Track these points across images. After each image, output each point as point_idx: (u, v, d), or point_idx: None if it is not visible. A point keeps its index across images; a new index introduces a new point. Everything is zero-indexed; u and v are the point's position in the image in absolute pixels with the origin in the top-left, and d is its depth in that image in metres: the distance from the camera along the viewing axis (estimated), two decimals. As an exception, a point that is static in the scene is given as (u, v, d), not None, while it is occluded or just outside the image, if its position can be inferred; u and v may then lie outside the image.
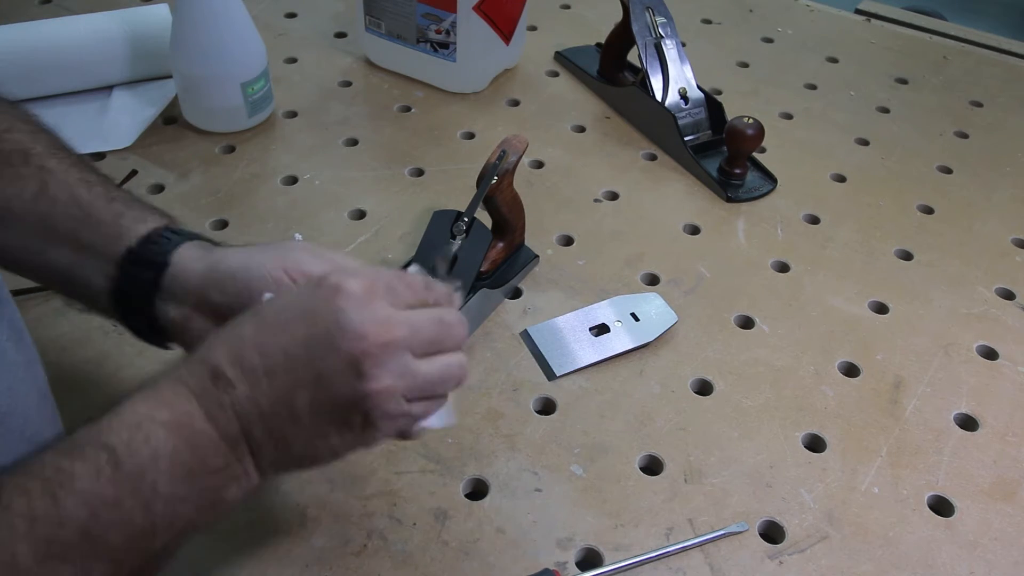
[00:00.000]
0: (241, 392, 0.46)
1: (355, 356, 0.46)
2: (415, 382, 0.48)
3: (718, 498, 0.65)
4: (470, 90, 1.05)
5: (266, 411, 0.46)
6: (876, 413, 0.72)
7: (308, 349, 0.46)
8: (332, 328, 0.46)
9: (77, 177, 0.59)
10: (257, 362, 0.46)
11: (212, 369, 0.46)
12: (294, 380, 0.46)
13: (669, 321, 0.77)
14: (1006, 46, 1.20)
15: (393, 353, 0.47)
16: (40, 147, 0.60)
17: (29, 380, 0.46)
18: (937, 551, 0.63)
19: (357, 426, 0.48)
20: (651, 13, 0.98)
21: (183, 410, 0.46)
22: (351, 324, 0.46)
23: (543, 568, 0.60)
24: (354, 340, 0.45)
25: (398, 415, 0.48)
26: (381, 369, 0.46)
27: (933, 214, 0.93)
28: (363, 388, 0.46)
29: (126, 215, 0.58)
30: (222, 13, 0.89)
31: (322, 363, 0.46)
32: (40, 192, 0.57)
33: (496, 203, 0.76)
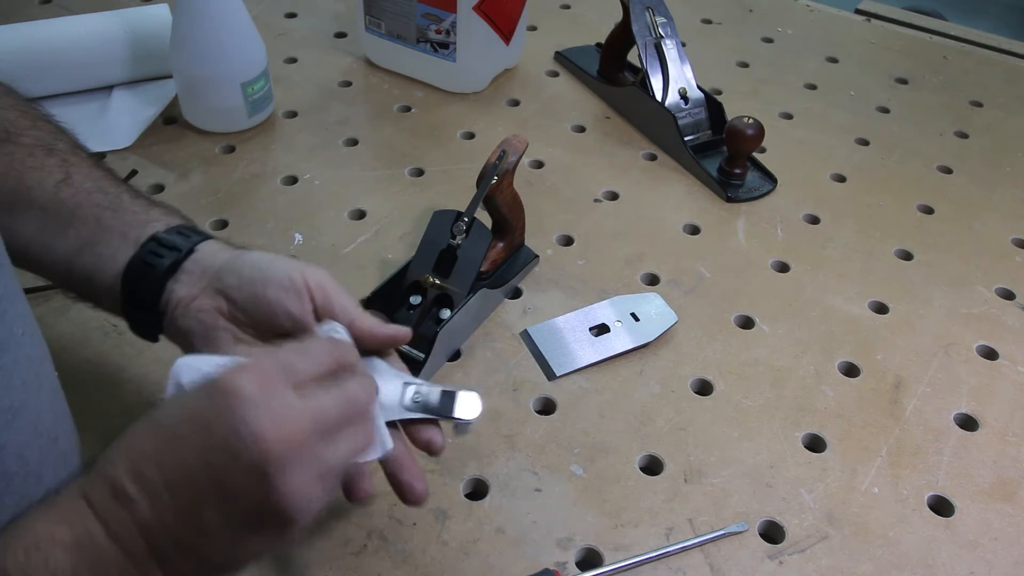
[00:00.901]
0: (143, 508, 0.43)
1: (257, 463, 0.42)
2: (327, 467, 0.45)
3: (718, 498, 0.65)
4: (470, 90, 1.05)
5: (172, 527, 0.43)
6: (876, 413, 0.72)
7: (207, 460, 0.43)
8: (230, 436, 0.42)
9: (101, 173, 0.60)
10: (156, 477, 0.43)
11: (112, 485, 0.43)
12: (196, 494, 0.43)
13: (669, 321, 0.77)
14: (1006, 46, 1.20)
15: (298, 450, 0.43)
16: (63, 144, 0.61)
17: (42, 375, 0.46)
18: (937, 551, 0.63)
19: (275, 527, 0.44)
20: (651, 13, 0.98)
21: (85, 528, 0.42)
22: (248, 429, 0.42)
23: (543, 568, 0.60)
24: (254, 446, 0.42)
25: (315, 503, 0.45)
26: (288, 471, 0.43)
27: (933, 214, 0.93)
28: (273, 496, 0.43)
29: (154, 209, 0.59)
30: (222, 13, 0.89)
31: (224, 473, 0.42)
32: (64, 180, 0.58)
33: (496, 203, 0.76)
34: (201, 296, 0.55)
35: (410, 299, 0.74)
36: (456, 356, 0.75)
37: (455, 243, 0.73)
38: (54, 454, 0.46)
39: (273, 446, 0.42)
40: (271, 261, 0.55)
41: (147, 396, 0.70)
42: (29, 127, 0.60)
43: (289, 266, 0.54)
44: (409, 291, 0.74)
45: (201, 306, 0.55)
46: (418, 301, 0.74)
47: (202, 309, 0.55)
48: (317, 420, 0.45)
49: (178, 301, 0.55)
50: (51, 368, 0.48)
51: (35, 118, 0.61)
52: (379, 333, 0.55)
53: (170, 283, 0.55)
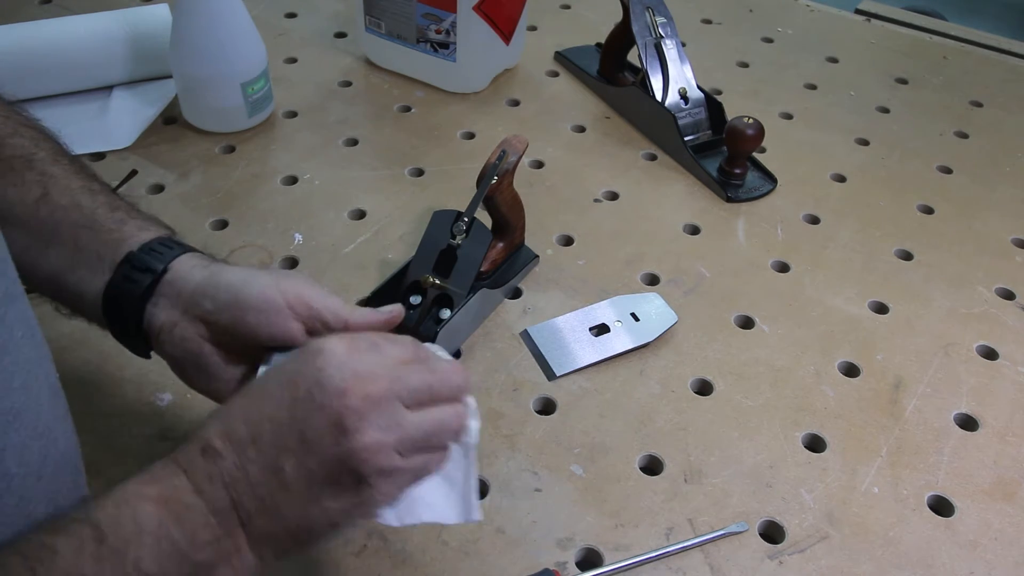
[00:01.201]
0: (229, 462, 0.45)
1: (337, 413, 0.44)
2: (405, 433, 0.46)
3: (718, 498, 0.65)
4: (470, 90, 1.05)
5: (254, 479, 0.45)
6: (876, 413, 0.72)
7: (291, 413, 0.45)
8: (313, 388, 0.45)
9: (80, 184, 0.59)
10: (244, 432, 0.45)
11: (202, 444, 0.46)
12: (280, 445, 0.45)
13: (669, 321, 0.77)
14: (1006, 46, 1.20)
15: (377, 404, 0.45)
16: (43, 153, 0.60)
17: (42, 376, 0.46)
18: (937, 551, 0.63)
19: (350, 487, 0.46)
20: (651, 13, 0.98)
21: (172, 484, 0.45)
22: (331, 381, 0.45)
23: (543, 568, 0.60)
24: (335, 397, 0.45)
25: (391, 470, 0.46)
26: (365, 423, 0.45)
27: (933, 214, 0.93)
28: (348, 444, 0.45)
29: (129, 223, 0.58)
30: (222, 13, 0.89)
31: (305, 425, 0.45)
32: (42, 197, 0.57)
33: (496, 203, 0.76)
34: (181, 322, 0.54)
35: (410, 299, 0.74)
36: (456, 356, 0.75)
37: (455, 243, 0.73)
38: (54, 455, 0.46)
39: (353, 398, 0.45)
40: (244, 282, 0.54)
41: (147, 396, 0.70)
42: (10, 135, 0.59)
43: (264, 284, 0.53)
44: (409, 291, 0.74)
45: (184, 334, 0.54)
46: (418, 301, 0.74)
47: (186, 337, 0.54)
48: (398, 384, 0.47)
49: (160, 327, 0.55)
50: (52, 369, 0.48)
51: (17, 124, 0.61)
52: (374, 320, 0.55)
53: (149, 307, 0.55)
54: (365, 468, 0.45)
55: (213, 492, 0.45)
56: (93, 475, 0.63)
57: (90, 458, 0.64)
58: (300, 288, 0.54)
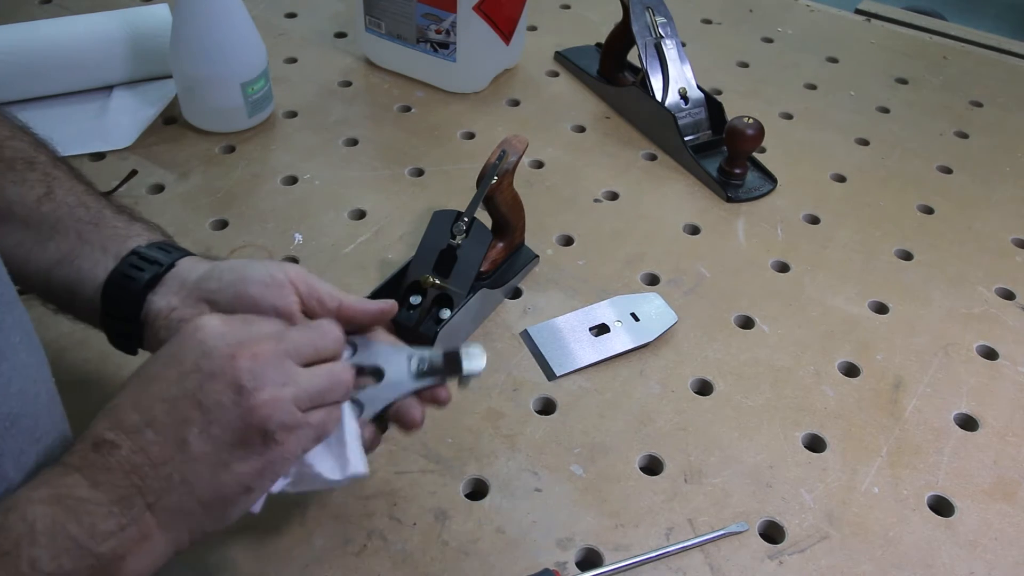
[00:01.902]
0: (125, 449, 0.44)
1: (231, 374, 0.45)
2: (301, 388, 0.47)
3: (718, 498, 0.65)
4: (470, 90, 1.05)
5: (158, 458, 0.45)
6: (876, 413, 0.72)
7: (182, 387, 0.45)
8: (200, 360, 0.46)
9: (83, 188, 0.60)
10: (136, 418, 0.45)
11: (93, 440, 0.45)
12: (179, 419, 0.45)
13: (669, 321, 0.77)
14: (1006, 46, 1.20)
15: (268, 361, 0.46)
16: (44, 156, 0.61)
17: (40, 382, 0.46)
18: (937, 551, 0.63)
19: (257, 446, 0.46)
20: (651, 13, 0.98)
21: (63, 483, 0.43)
22: (216, 349, 0.46)
23: (543, 568, 0.60)
24: (224, 360, 0.45)
25: (295, 425, 0.47)
26: (261, 379, 0.46)
27: (933, 214, 0.93)
28: (248, 402, 0.45)
29: (135, 224, 0.59)
30: (222, 13, 0.89)
31: (201, 393, 0.45)
32: (46, 195, 0.58)
33: (496, 203, 0.76)
34: (181, 307, 0.55)
35: (410, 299, 0.74)
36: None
37: (455, 243, 0.73)
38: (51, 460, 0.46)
39: (243, 358, 0.46)
40: (249, 263, 0.56)
41: (147, 396, 0.70)
42: (9, 137, 0.60)
43: (268, 265, 0.55)
44: (409, 291, 0.74)
45: (183, 316, 0.55)
46: (418, 301, 0.74)
47: (183, 319, 0.54)
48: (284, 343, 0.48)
49: (157, 313, 0.55)
50: (48, 374, 0.48)
51: (14, 128, 0.61)
52: (370, 308, 0.56)
53: (149, 296, 0.55)
54: (269, 423, 0.46)
55: (112, 481, 0.44)
56: (93, 475, 0.63)
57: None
58: (300, 271, 0.55)
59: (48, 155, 0.61)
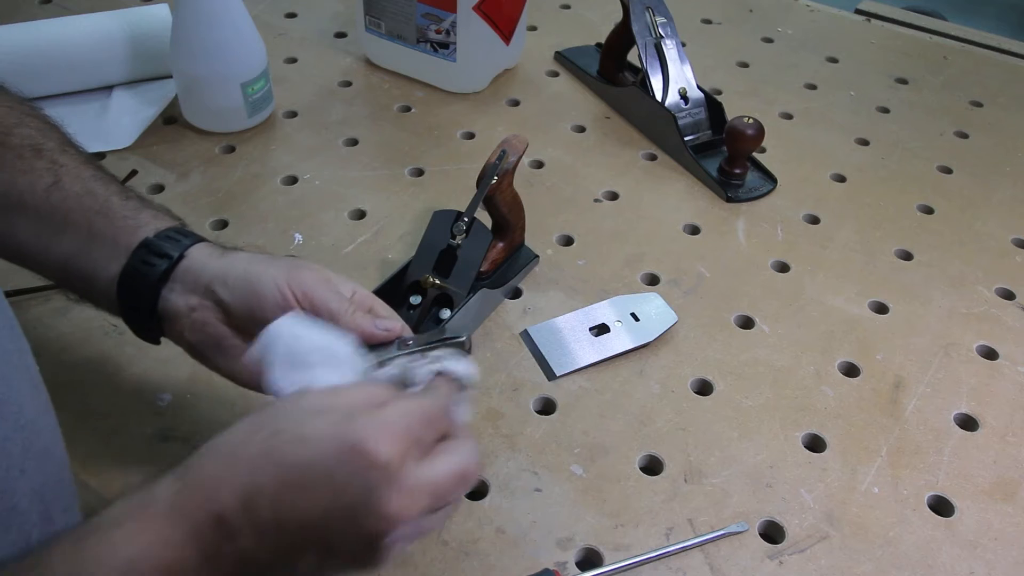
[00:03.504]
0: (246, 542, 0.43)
1: (376, 536, 0.43)
2: (421, 535, 0.47)
3: (718, 498, 0.65)
4: (470, 90, 1.05)
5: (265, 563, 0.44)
6: (876, 413, 0.72)
7: (327, 517, 0.43)
8: (359, 506, 0.43)
9: (91, 173, 0.60)
10: (269, 516, 0.43)
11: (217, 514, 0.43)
12: (303, 542, 0.43)
13: (669, 321, 0.77)
14: (1006, 46, 1.20)
15: (413, 524, 0.45)
16: (51, 143, 0.60)
17: (22, 368, 0.46)
18: (937, 551, 0.63)
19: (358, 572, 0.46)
20: (651, 13, 0.98)
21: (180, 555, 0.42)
22: (380, 507, 0.43)
23: (543, 568, 0.60)
24: (380, 522, 0.43)
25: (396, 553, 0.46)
26: (397, 542, 0.44)
27: (933, 214, 0.93)
28: (376, 560, 0.44)
29: (143, 211, 0.58)
30: (222, 13, 0.89)
31: (338, 535, 0.43)
32: (54, 184, 0.58)
33: (496, 203, 0.76)
34: (200, 308, 0.55)
35: (410, 299, 0.74)
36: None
37: (455, 243, 0.73)
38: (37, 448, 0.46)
39: (396, 526, 0.43)
40: (258, 272, 0.54)
41: (147, 396, 0.69)
42: (16, 125, 0.60)
43: (277, 275, 0.54)
44: (409, 291, 0.74)
45: (205, 319, 0.55)
46: (418, 301, 0.74)
47: (207, 322, 0.55)
48: (434, 497, 0.45)
49: (177, 312, 0.55)
50: (32, 362, 0.47)
51: (22, 115, 0.61)
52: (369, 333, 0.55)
53: (164, 291, 0.55)
54: (378, 564, 0.45)
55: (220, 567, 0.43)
56: (93, 474, 0.63)
57: (90, 458, 0.64)
58: (306, 283, 0.54)
59: (56, 140, 0.61)
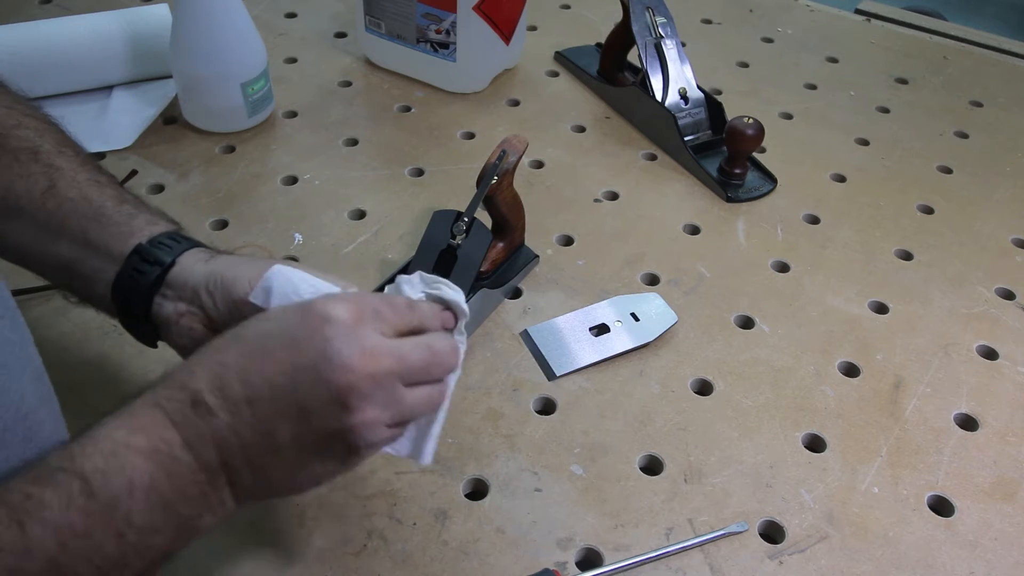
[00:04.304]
0: (222, 421, 0.45)
1: (341, 388, 0.45)
2: (399, 411, 0.48)
3: (718, 498, 0.65)
4: (470, 90, 1.05)
5: (247, 441, 0.45)
6: (876, 413, 0.72)
7: (293, 379, 0.45)
8: (318, 359, 0.45)
9: (86, 177, 0.60)
10: (239, 391, 0.45)
11: (193, 396, 0.45)
12: (277, 411, 0.45)
13: (669, 321, 0.77)
14: (1006, 46, 1.20)
15: (380, 384, 0.46)
16: (48, 144, 0.60)
17: (24, 359, 0.46)
18: (937, 551, 0.63)
19: (339, 455, 0.47)
20: (651, 13, 0.98)
21: (161, 437, 0.44)
22: (338, 356, 0.45)
23: (543, 568, 0.60)
24: (341, 372, 0.45)
25: (380, 442, 0.48)
26: (367, 402, 0.46)
27: (933, 214, 0.93)
28: (348, 421, 0.45)
29: (137, 217, 0.59)
30: (222, 13, 0.89)
31: (307, 395, 0.45)
32: (49, 189, 0.58)
33: (496, 203, 0.76)
34: (187, 315, 0.55)
35: (410, 299, 0.74)
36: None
37: (455, 243, 0.73)
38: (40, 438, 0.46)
39: (358, 377, 0.45)
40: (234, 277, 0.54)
41: (147, 396, 0.69)
42: (15, 127, 0.60)
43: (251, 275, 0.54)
44: (409, 291, 0.74)
45: (191, 324, 0.55)
46: (418, 301, 0.74)
47: (192, 327, 0.55)
48: (401, 362, 0.47)
49: (168, 318, 0.56)
50: (34, 352, 0.48)
51: (21, 115, 0.61)
52: None
53: (157, 297, 0.56)
54: (360, 442, 0.46)
55: (203, 450, 0.45)
56: (93, 475, 0.63)
57: (90, 458, 0.64)
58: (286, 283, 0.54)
59: (53, 140, 0.61)
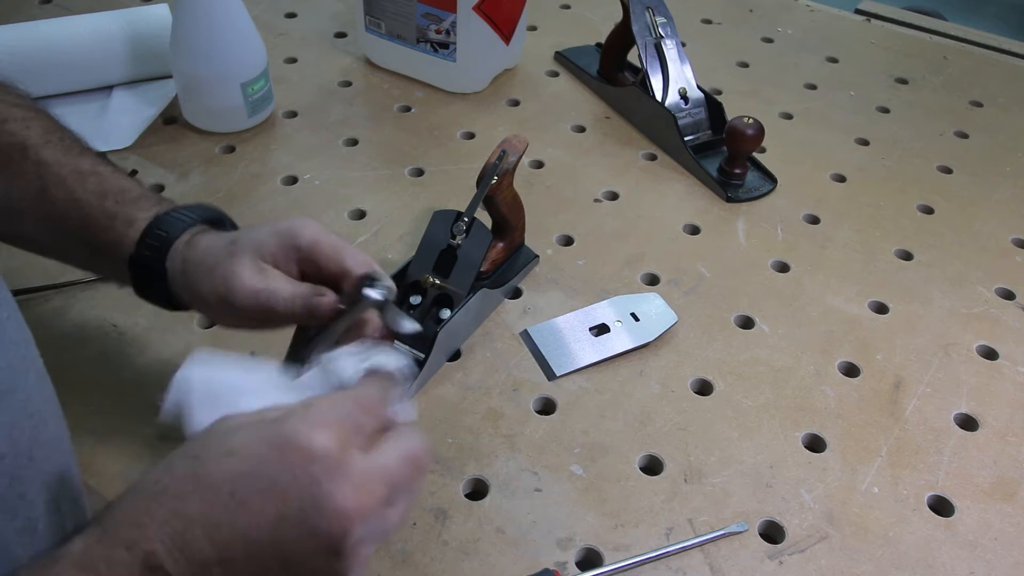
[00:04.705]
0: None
1: (336, 537, 0.38)
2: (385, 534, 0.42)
3: (718, 498, 0.65)
4: (470, 90, 1.05)
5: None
6: (876, 413, 0.72)
7: (276, 533, 0.38)
8: (309, 508, 0.38)
9: (70, 169, 0.59)
10: (208, 551, 0.37)
11: (145, 559, 0.37)
12: (257, 569, 0.38)
13: (669, 321, 0.77)
14: (1006, 46, 1.20)
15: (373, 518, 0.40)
16: (35, 136, 0.60)
17: (28, 359, 0.46)
18: (937, 551, 0.63)
19: None
20: (651, 13, 0.98)
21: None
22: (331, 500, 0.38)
23: (543, 568, 0.60)
24: (336, 520, 0.38)
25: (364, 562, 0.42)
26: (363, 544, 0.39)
27: (933, 214, 0.93)
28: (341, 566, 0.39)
29: (118, 217, 0.59)
30: (222, 13, 0.89)
31: (293, 548, 0.38)
32: (41, 191, 0.59)
33: (496, 203, 0.76)
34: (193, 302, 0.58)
35: (410, 299, 0.74)
36: (456, 356, 0.75)
37: (455, 243, 0.73)
38: (44, 436, 0.46)
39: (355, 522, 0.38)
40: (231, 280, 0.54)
41: (147, 396, 0.69)
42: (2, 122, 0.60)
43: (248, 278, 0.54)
44: (409, 291, 0.74)
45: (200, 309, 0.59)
46: (418, 301, 0.74)
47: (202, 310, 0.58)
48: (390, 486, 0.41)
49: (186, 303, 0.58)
50: (36, 353, 0.48)
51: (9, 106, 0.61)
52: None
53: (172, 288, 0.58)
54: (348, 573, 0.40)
55: None
56: (93, 474, 0.63)
57: (90, 458, 0.64)
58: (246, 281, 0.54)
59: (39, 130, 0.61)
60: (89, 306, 0.76)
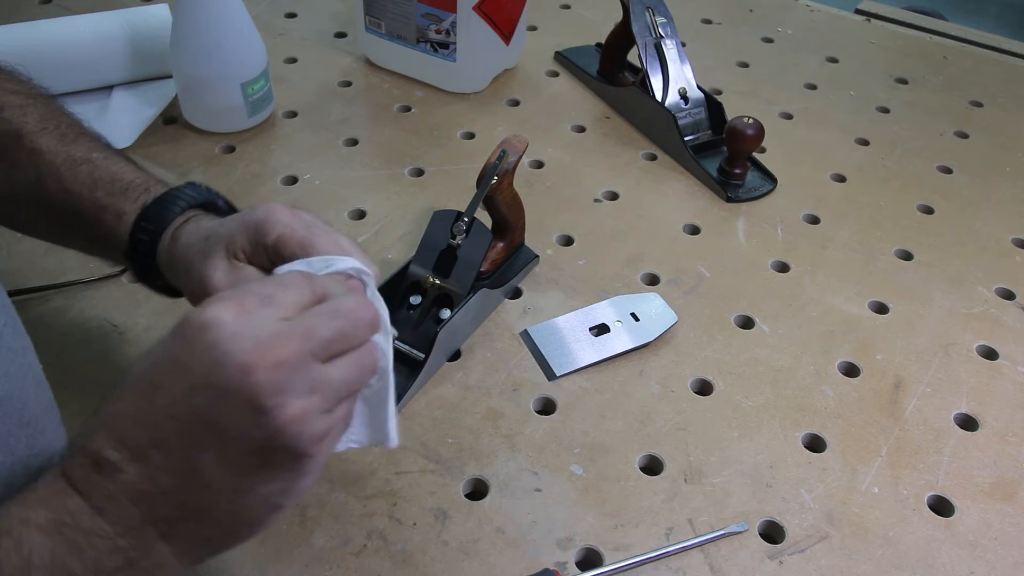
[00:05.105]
0: (131, 475, 0.39)
1: (246, 391, 0.38)
2: (328, 391, 0.41)
3: (718, 498, 0.65)
4: (470, 90, 1.05)
5: (168, 487, 0.39)
6: (876, 413, 0.72)
7: (192, 404, 0.39)
8: (209, 371, 0.38)
9: (64, 157, 0.59)
10: (140, 436, 0.39)
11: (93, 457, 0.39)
12: (190, 442, 0.39)
13: (669, 321, 0.77)
14: (1006, 46, 1.20)
15: (291, 370, 0.39)
16: (31, 123, 0.60)
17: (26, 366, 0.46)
18: (937, 551, 0.63)
19: (285, 464, 0.41)
20: (651, 13, 0.98)
21: (65, 508, 0.39)
22: (229, 358, 0.38)
23: (543, 568, 0.60)
24: (239, 375, 0.38)
25: (325, 432, 0.41)
26: (284, 395, 0.39)
27: (933, 214, 0.93)
28: (272, 423, 0.39)
29: (108, 210, 0.58)
30: (222, 13, 0.89)
31: (214, 413, 0.39)
32: (37, 181, 0.59)
33: (496, 203, 0.76)
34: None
35: (410, 299, 0.74)
36: (456, 356, 0.75)
37: (455, 243, 0.73)
38: (42, 445, 0.46)
39: (261, 373, 0.38)
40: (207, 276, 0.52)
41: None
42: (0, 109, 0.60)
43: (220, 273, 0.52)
44: (409, 291, 0.74)
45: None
46: (418, 301, 0.74)
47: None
48: (307, 338, 0.40)
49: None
50: (34, 360, 0.48)
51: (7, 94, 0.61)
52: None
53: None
54: (299, 441, 0.40)
55: (119, 512, 0.39)
56: (93, 475, 0.63)
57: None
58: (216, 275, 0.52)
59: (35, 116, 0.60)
60: (89, 306, 0.76)
